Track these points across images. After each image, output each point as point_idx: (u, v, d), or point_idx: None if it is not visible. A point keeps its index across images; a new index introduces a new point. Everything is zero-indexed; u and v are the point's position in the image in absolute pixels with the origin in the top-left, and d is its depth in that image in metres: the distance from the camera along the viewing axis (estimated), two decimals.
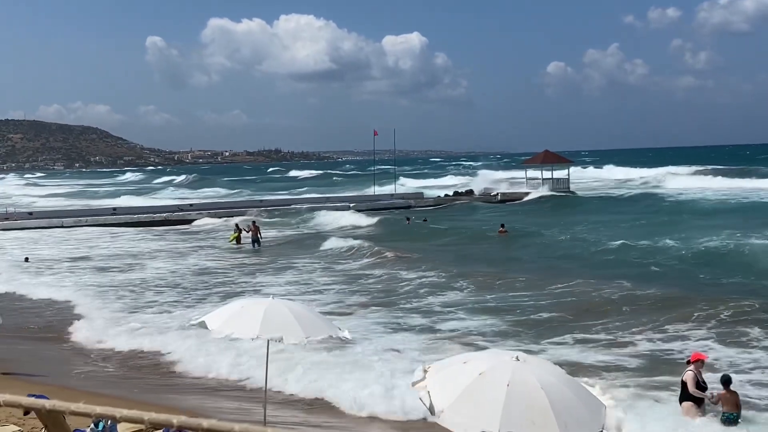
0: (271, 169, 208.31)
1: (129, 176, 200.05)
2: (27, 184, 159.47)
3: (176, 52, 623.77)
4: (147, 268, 34.92)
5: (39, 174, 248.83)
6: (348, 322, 20.12)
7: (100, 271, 35.08)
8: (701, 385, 13.20)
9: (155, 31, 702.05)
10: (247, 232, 43.63)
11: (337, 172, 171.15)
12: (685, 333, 19.82)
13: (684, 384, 13.24)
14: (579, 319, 21.98)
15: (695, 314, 21.25)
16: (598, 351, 18.57)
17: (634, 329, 20.39)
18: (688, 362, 13.54)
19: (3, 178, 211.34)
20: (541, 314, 22.71)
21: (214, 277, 32.37)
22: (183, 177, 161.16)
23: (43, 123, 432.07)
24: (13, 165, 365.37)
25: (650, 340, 19.43)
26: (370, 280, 30.48)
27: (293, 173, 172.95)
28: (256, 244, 42.29)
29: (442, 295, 26.53)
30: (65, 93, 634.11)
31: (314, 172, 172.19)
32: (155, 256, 39.82)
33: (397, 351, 18.90)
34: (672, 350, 18.40)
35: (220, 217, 58.56)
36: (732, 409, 13.03)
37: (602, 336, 20.04)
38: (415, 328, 21.60)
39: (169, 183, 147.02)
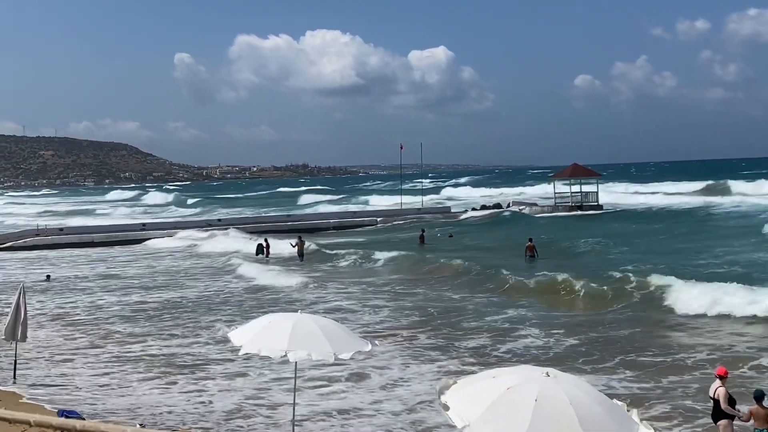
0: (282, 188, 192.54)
1: (114, 194, 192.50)
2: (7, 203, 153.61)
3: (204, 69, 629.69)
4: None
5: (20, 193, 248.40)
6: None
7: (125, 291, 35.26)
8: (733, 401, 12.94)
9: (183, 47, 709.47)
10: (294, 246, 45.16)
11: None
12: None
13: (716, 401, 12.98)
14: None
15: None
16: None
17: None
18: (718, 377, 13.22)
19: None
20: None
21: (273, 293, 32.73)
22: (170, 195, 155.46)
23: (74, 140, 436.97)
24: (44, 181, 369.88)
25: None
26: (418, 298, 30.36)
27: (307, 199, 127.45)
28: (301, 258, 43.93)
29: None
30: (95, 110, 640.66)
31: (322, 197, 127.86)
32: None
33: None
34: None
35: (250, 233, 58.68)
36: (765, 425, 12.73)
37: None
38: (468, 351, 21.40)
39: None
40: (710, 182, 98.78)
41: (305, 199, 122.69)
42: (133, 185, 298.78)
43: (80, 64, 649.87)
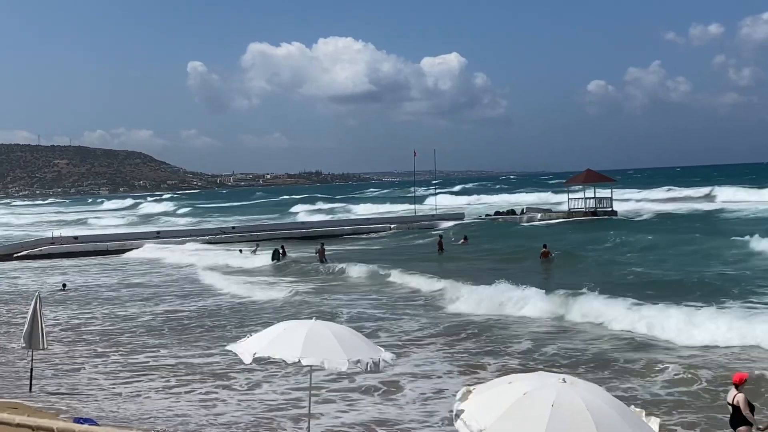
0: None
1: (108, 204, 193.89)
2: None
3: (217, 77, 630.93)
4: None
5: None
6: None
7: (141, 300, 35.32)
8: (753, 408, 12.85)
9: (196, 56, 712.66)
10: (315, 254, 46.35)
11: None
12: None
13: (736, 407, 12.88)
14: None
15: None
16: None
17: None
18: (736, 385, 13.13)
19: None
20: None
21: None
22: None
23: (89, 148, 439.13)
24: (59, 190, 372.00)
25: None
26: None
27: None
28: (322, 263, 44.56)
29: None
30: (109, 118, 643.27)
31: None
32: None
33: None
34: None
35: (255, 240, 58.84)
36: None
37: None
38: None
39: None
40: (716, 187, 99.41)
41: (296, 208, 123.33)
42: (145, 193, 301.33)
43: (94, 73, 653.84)
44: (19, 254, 56.60)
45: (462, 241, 53.34)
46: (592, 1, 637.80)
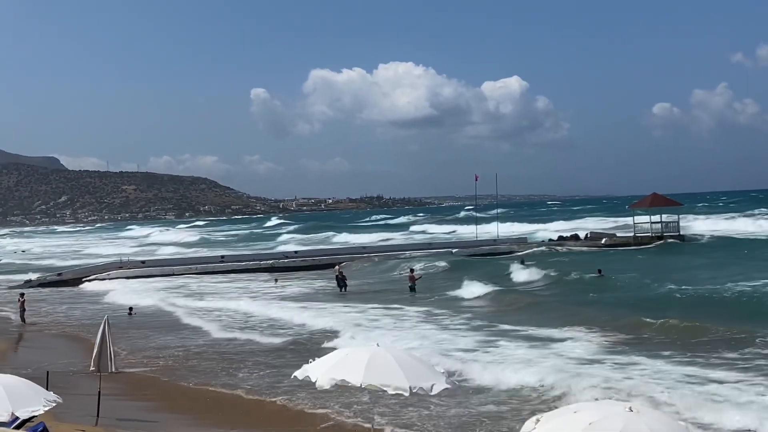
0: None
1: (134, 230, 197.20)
2: None
3: (279, 103, 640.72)
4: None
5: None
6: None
7: (209, 326, 35.73)
8: None
9: (259, 83, 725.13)
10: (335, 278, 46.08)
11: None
12: None
13: None
14: None
15: None
16: None
17: None
18: None
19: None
20: None
21: None
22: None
23: (155, 174, 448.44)
24: (127, 215, 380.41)
25: None
26: None
27: None
28: (343, 289, 44.46)
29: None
30: (175, 144, 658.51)
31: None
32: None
33: None
34: None
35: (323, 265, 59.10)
36: None
37: None
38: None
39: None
40: None
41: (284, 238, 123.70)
42: (211, 218, 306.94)
43: (160, 100, 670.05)
44: (89, 278, 57.96)
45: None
46: (655, 22, 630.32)
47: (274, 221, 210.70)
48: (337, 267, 49.07)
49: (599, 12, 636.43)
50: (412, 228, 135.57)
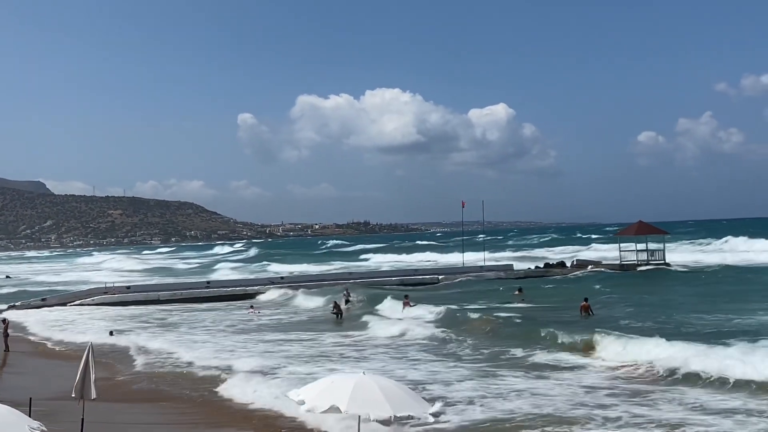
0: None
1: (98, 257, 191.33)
2: None
3: (266, 128, 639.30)
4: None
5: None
6: None
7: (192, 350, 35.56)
8: None
9: (246, 108, 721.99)
10: (333, 309, 46.46)
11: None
12: None
13: None
14: None
15: None
16: None
17: None
18: None
19: None
20: None
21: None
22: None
23: (142, 199, 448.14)
24: (113, 240, 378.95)
25: None
26: None
27: None
28: (339, 317, 44.99)
29: None
30: (161, 169, 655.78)
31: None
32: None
33: None
34: None
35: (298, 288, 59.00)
36: None
37: None
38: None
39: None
40: None
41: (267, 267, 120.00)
42: (201, 243, 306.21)
43: (146, 125, 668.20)
44: (73, 303, 57.68)
45: (517, 292, 51.55)
46: (639, 52, 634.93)
47: (234, 247, 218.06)
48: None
49: (586, 42, 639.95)
50: (362, 257, 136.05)
